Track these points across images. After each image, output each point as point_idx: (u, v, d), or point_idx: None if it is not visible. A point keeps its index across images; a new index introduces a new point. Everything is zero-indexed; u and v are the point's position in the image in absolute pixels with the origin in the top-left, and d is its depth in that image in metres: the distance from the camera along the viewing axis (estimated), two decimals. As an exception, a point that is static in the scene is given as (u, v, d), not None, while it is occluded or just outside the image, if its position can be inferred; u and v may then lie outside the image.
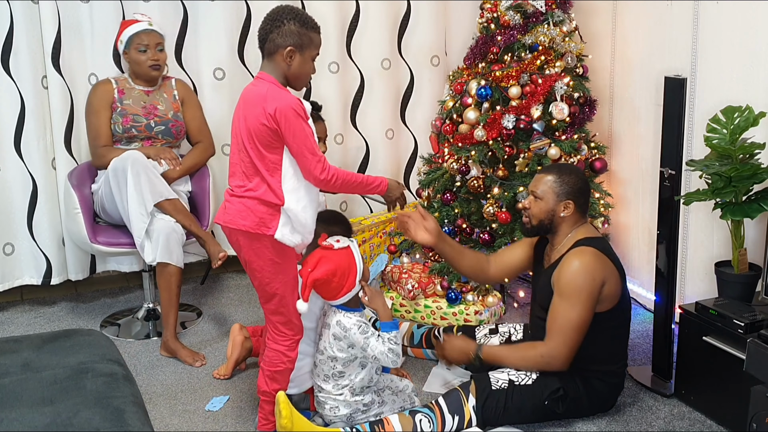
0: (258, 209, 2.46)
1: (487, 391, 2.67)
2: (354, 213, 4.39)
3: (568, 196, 2.74)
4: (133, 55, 3.48)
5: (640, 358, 3.23)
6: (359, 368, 2.65)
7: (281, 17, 2.46)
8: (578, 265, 2.67)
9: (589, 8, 3.84)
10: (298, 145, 2.42)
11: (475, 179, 3.50)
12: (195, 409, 2.92)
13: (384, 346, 2.59)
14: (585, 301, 2.64)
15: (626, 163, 3.76)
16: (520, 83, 3.48)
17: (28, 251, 3.77)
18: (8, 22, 3.53)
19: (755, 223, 2.94)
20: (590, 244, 2.72)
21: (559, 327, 2.66)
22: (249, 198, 2.47)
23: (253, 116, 2.43)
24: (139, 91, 3.54)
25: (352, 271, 2.59)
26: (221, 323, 3.65)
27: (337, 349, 2.62)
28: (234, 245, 2.57)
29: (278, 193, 2.45)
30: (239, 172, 2.50)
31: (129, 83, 3.55)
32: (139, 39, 3.46)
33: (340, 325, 2.61)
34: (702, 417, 2.80)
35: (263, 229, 2.46)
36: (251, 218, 2.47)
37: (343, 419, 2.68)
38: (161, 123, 3.53)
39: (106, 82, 3.53)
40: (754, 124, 2.73)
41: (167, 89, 3.61)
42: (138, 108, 3.50)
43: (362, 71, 4.23)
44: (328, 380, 2.67)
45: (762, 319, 2.59)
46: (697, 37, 3.20)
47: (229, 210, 2.53)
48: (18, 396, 2.20)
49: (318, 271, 2.54)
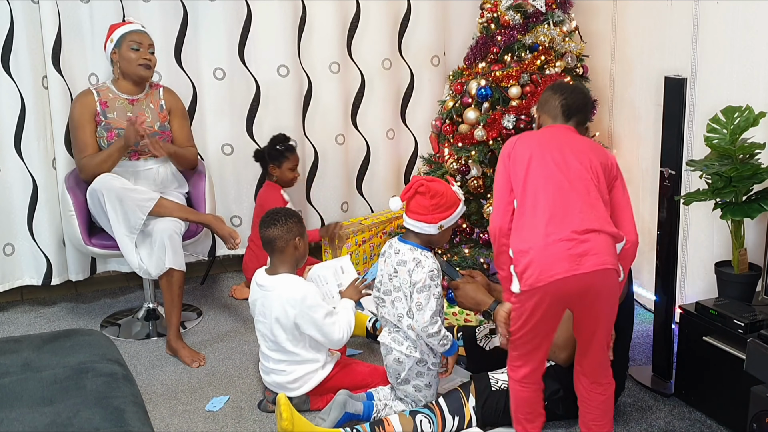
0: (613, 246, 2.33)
1: (487, 392, 2.67)
2: (354, 213, 4.39)
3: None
4: (124, 53, 3.36)
5: (640, 358, 3.23)
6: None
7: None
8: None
9: (589, 8, 3.84)
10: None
11: (475, 179, 3.50)
12: (195, 409, 2.92)
13: (434, 325, 2.59)
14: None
15: (626, 163, 3.76)
16: (520, 83, 3.48)
17: (28, 251, 3.77)
18: (8, 22, 3.53)
19: (755, 223, 2.94)
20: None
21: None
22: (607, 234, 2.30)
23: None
24: (123, 101, 3.41)
25: (448, 211, 2.63)
26: (221, 323, 3.65)
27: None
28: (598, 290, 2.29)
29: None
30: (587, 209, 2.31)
31: (112, 92, 3.41)
32: (131, 37, 3.38)
33: (416, 261, 2.61)
34: (702, 417, 2.80)
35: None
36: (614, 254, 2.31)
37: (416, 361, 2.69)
38: (149, 136, 3.40)
39: (86, 94, 3.40)
40: (754, 124, 2.73)
41: (154, 99, 3.49)
42: (123, 121, 3.36)
43: (363, 71, 4.23)
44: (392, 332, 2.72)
45: (762, 319, 2.59)
46: (697, 37, 3.20)
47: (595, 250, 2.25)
48: (18, 396, 2.20)
49: (429, 182, 2.61)
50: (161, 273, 3.25)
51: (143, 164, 3.42)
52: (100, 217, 3.33)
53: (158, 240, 3.23)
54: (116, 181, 3.26)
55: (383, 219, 4.12)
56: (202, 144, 3.91)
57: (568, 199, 2.30)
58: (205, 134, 3.96)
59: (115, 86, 3.44)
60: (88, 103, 3.38)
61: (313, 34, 4.08)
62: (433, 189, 2.59)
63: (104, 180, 3.26)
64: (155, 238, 3.24)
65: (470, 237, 3.61)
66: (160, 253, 3.23)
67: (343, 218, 4.31)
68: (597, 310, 2.29)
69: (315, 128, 4.20)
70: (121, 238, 3.24)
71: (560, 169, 2.34)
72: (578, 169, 2.35)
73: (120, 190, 3.22)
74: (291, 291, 2.77)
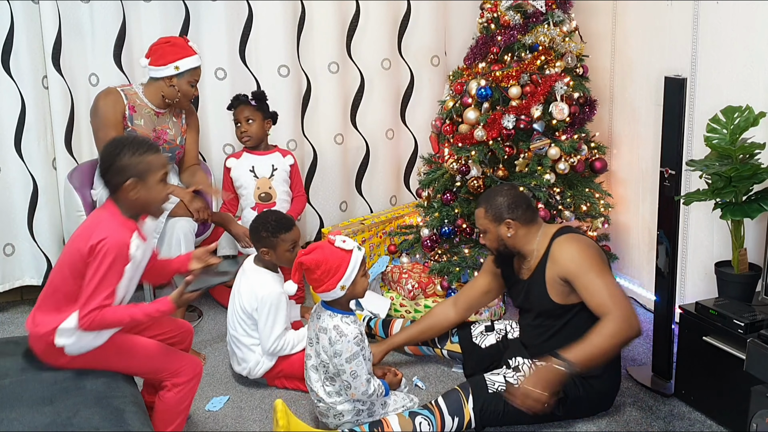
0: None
1: (485, 394, 2.66)
2: (353, 213, 4.39)
3: (504, 216, 2.76)
4: (184, 86, 3.32)
5: (640, 358, 3.23)
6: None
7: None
8: (575, 245, 2.72)
9: (589, 8, 3.84)
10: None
11: (475, 179, 3.50)
12: (195, 409, 2.92)
13: (368, 386, 2.64)
14: (605, 267, 2.68)
15: (626, 163, 3.76)
16: (520, 83, 3.48)
17: (28, 252, 3.77)
18: (8, 22, 3.53)
19: (755, 223, 2.94)
20: (568, 231, 2.79)
21: (607, 296, 2.61)
22: None
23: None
24: (150, 111, 3.37)
25: (339, 272, 2.57)
26: (221, 323, 3.65)
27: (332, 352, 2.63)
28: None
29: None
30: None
31: (139, 98, 3.36)
32: (196, 74, 3.35)
33: (338, 329, 2.61)
34: (702, 417, 2.80)
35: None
36: None
37: (350, 424, 2.69)
38: (169, 150, 3.41)
39: (115, 93, 3.33)
40: (754, 124, 2.73)
41: (176, 112, 3.48)
42: (149, 131, 3.35)
43: (362, 71, 4.23)
44: (325, 385, 2.68)
45: (762, 319, 2.59)
46: (697, 37, 3.20)
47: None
48: (18, 396, 2.20)
49: (307, 256, 2.58)
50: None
51: None
52: None
53: (174, 238, 3.25)
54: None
55: (383, 219, 4.12)
56: (204, 144, 3.91)
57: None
58: (206, 134, 3.96)
59: (144, 94, 3.38)
60: (118, 102, 3.31)
61: (313, 34, 4.08)
62: (313, 261, 2.57)
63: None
64: (171, 236, 3.25)
65: (470, 237, 3.61)
66: (176, 250, 3.24)
67: (342, 218, 4.32)
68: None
69: (314, 128, 4.20)
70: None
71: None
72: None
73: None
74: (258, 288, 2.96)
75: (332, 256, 2.58)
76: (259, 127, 3.62)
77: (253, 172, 3.63)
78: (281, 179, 3.66)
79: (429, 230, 3.66)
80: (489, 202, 2.81)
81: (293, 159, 3.73)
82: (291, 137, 4.07)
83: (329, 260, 2.57)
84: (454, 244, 3.66)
